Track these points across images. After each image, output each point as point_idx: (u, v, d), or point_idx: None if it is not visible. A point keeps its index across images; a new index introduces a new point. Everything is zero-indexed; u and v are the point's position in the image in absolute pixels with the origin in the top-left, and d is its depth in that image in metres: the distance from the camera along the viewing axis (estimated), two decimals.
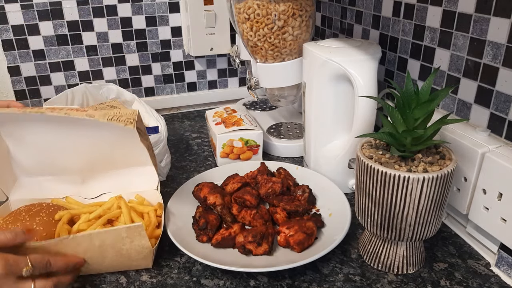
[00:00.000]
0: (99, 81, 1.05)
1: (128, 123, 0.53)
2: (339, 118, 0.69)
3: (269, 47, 0.75)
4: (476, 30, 0.55)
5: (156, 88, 1.12)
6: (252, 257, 0.56)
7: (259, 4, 0.72)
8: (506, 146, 0.52)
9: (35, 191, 0.65)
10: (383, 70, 0.76)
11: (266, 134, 0.88)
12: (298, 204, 0.63)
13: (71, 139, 0.61)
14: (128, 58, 1.06)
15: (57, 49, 0.99)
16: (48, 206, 0.60)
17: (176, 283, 0.54)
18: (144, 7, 1.02)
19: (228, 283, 0.54)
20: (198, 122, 1.06)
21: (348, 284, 0.53)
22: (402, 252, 0.54)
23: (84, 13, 0.98)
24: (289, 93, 0.84)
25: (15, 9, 0.93)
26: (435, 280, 0.53)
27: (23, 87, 1.00)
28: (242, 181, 0.68)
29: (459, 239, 0.61)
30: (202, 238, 0.59)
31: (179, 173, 0.81)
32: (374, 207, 0.51)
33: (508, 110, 0.52)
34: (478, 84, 0.56)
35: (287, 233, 0.57)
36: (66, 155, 0.63)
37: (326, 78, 0.66)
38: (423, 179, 0.46)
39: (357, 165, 0.52)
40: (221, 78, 1.16)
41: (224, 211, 0.62)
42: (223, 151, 0.80)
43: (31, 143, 0.62)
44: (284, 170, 0.72)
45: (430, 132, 0.48)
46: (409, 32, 0.68)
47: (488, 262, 0.56)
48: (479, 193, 0.54)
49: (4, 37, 0.94)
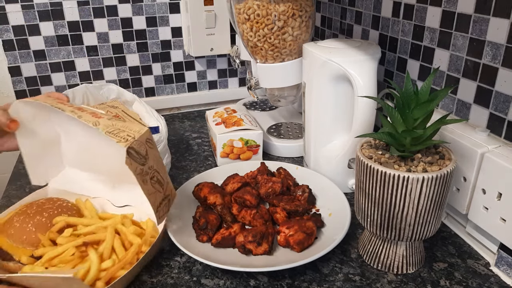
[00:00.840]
0: (99, 81, 1.05)
1: (122, 140, 0.49)
2: (339, 118, 0.69)
3: (269, 48, 0.75)
4: (475, 31, 0.55)
5: (157, 88, 1.12)
6: (252, 256, 0.56)
7: (259, 5, 0.72)
8: (505, 146, 0.53)
9: (70, 184, 0.66)
10: (383, 70, 0.76)
11: (266, 134, 0.89)
12: (298, 204, 0.63)
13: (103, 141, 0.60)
14: (128, 58, 1.06)
15: (57, 49, 0.99)
16: (60, 206, 0.60)
17: (176, 283, 0.54)
18: (145, 7, 1.02)
19: (228, 283, 0.54)
20: (198, 122, 1.06)
21: (348, 284, 0.53)
22: (401, 252, 0.54)
23: (85, 13, 0.98)
24: (289, 93, 0.84)
25: (15, 9, 0.93)
26: (434, 280, 0.53)
27: (23, 87, 1.00)
28: (242, 181, 0.68)
29: (459, 239, 0.61)
30: (202, 238, 0.59)
31: (179, 173, 0.81)
32: (373, 207, 0.51)
33: (507, 110, 0.52)
34: (478, 84, 0.56)
35: (287, 233, 0.57)
36: (102, 156, 0.62)
37: (326, 78, 0.66)
38: (422, 179, 0.46)
39: (357, 165, 0.52)
40: (221, 78, 1.16)
41: (224, 211, 0.62)
42: (223, 151, 0.80)
43: (73, 137, 0.63)
44: (284, 170, 0.72)
45: (429, 132, 0.48)
46: (408, 32, 0.68)
47: (488, 262, 0.56)
48: (478, 193, 0.54)
49: (5, 38, 0.94)
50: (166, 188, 0.55)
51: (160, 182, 0.54)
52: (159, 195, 0.54)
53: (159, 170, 0.54)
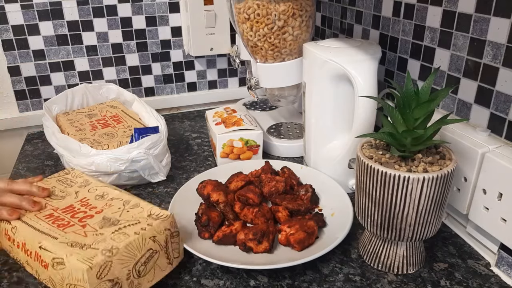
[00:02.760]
0: (99, 81, 1.05)
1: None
2: (339, 118, 0.69)
3: (269, 47, 0.75)
4: (476, 30, 0.55)
5: (156, 88, 1.12)
6: (253, 255, 0.56)
7: (259, 4, 0.72)
8: (506, 146, 0.52)
9: None
10: (383, 70, 0.76)
11: (266, 134, 0.88)
12: (300, 203, 0.63)
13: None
14: (128, 58, 1.06)
15: (57, 49, 0.99)
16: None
17: (176, 283, 0.54)
18: (144, 7, 1.02)
19: (228, 283, 0.54)
20: (198, 122, 1.06)
21: (348, 284, 0.53)
22: (402, 252, 0.54)
23: (84, 13, 0.98)
24: (289, 93, 0.84)
25: (15, 9, 0.93)
26: (435, 280, 0.53)
27: (23, 87, 1.00)
28: (246, 179, 0.68)
29: (459, 239, 0.61)
30: (204, 235, 0.59)
31: (179, 173, 0.81)
32: (374, 207, 0.51)
33: (508, 110, 0.52)
34: (478, 84, 0.56)
35: (288, 232, 0.57)
36: None
37: (326, 78, 0.66)
38: (423, 179, 0.46)
39: (357, 165, 0.52)
40: (221, 78, 1.16)
41: (226, 209, 0.62)
42: (223, 151, 0.80)
43: None
44: (288, 169, 0.72)
45: (430, 132, 0.48)
46: (409, 32, 0.68)
47: (488, 262, 0.56)
48: (479, 193, 0.54)
49: (4, 37, 0.94)
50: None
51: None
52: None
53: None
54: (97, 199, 0.58)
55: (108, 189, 0.60)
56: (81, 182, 0.63)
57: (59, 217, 0.54)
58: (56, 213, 0.55)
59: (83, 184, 0.62)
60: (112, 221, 0.52)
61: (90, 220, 0.53)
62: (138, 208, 0.55)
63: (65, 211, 0.56)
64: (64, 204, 0.57)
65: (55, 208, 0.56)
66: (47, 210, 0.56)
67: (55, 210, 0.56)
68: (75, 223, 0.53)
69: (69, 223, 0.53)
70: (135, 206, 0.55)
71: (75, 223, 0.53)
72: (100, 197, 0.58)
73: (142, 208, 0.54)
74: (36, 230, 0.52)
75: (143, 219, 0.52)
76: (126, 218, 0.53)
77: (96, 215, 0.54)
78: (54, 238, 0.50)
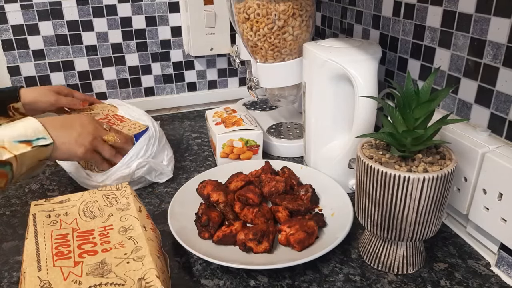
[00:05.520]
0: (99, 81, 1.05)
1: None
2: (339, 118, 0.69)
3: (269, 47, 0.75)
4: (476, 30, 0.55)
5: (156, 88, 1.11)
6: (253, 255, 0.56)
7: (259, 4, 0.72)
8: (506, 146, 0.52)
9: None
10: (383, 70, 0.76)
11: (266, 134, 0.88)
12: (301, 203, 0.63)
13: None
14: (128, 58, 1.06)
15: (56, 49, 0.99)
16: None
17: (176, 283, 0.54)
18: (144, 7, 1.02)
19: (228, 283, 0.54)
20: (198, 122, 1.06)
21: (348, 284, 0.53)
22: (402, 252, 0.54)
23: (84, 13, 0.98)
24: (289, 93, 0.84)
25: (14, 9, 0.93)
26: (435, 280, 0.53)
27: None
28: (246, 179, 0.68)
29: (459, 239, 0.61)
30: (204, 235, 0.59)
31: (179, 173, 0.81)
32: (374, 207, 0.51)
33: (508, 110, 0.52)
34: (479, 84, 0.56)
35: (288, 232, 0.57)
36: None
37: (326, 78, 0.66)
38: (423, 179, 0.46)
39: (357, 165, 0.52)
40: (221, 78, 1.16)
41: (226, 209, 0.62)
42: (223, 151, 0.80)
43: None
44: (288, 169, 0.72)
45: (430, 132, 0.48)
46: (409, 32, 0.68)
47: (488, 262, 0.56)
48: (479, 193, 0.54)
49: (4, 37, 0.94)
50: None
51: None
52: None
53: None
54: (119, 233, 0.51)
55: (137, 223, 0.53)
56: (123, 204, 0.56)
57: (67, 242, 0.49)
58: (71, 235, 0.50)
59: (122, 208, 0.56)
60: (103, 270, 0.46)
61: (89, 258, 0.47)
62: (139, 263, 0.47)
63: (81, 235, 0.51)
64: (87, 226, 0.52)
65: (76, 229, 0.51)
66: (67, 227, 0.51)
67: (75, 231, 0.51)
68: (73, 256, 0.47)
69: (67, 254, 0.47)
70: (139, 259, 0.48)
71: (72, 257, 0.47)
72: (123, 231, 0.52)
73: (142, 265, 0.46)
74: (36, 249, 0.48)
75: (131, 281, 0.44)
76: (118, 272, 0.45)
77: (100, 254, 0.48)
78: (38, 269, 0.45)
